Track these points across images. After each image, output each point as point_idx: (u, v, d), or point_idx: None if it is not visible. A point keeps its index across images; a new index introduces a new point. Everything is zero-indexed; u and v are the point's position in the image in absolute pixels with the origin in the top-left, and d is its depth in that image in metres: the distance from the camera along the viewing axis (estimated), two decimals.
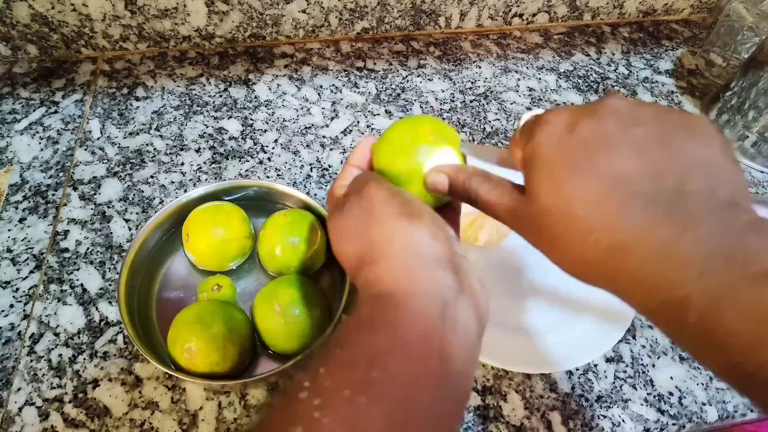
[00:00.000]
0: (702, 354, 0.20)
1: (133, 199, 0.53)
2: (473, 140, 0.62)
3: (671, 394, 0.45)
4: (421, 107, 0.65)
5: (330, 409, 0.19)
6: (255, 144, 0.59)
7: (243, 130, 0.61)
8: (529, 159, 0.23)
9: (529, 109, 0.66)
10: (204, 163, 0.57)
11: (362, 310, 0.23)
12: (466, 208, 0.32)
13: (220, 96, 0.64)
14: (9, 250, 0.49)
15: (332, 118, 0.63)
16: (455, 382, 0.22)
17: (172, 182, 0.55)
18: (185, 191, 0.52)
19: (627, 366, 0.46)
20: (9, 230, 0.50)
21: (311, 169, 0.58)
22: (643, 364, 0.46)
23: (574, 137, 0.22)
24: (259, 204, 0.50)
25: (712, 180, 0.20)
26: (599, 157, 0.21)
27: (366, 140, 0.33)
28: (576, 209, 0.21)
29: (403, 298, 0.23)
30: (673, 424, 0.43)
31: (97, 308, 0.46)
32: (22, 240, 0.50)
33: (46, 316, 0.45)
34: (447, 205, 0.33)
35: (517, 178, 0.26)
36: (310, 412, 0.19)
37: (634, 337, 0.48)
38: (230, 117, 0.62)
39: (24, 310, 0.45)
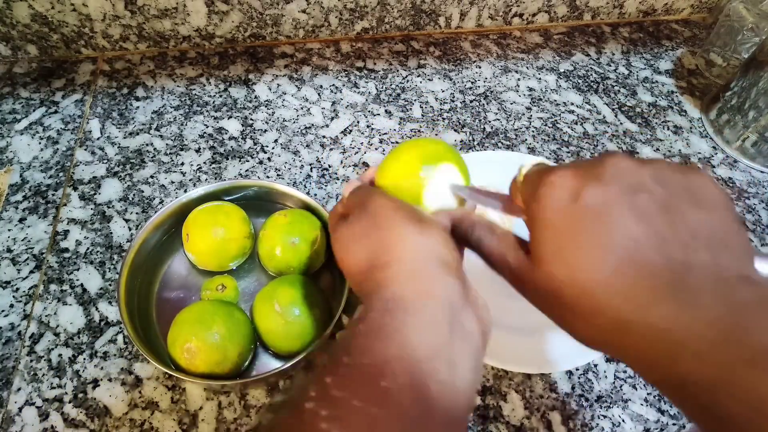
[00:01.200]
0: (708, 428, 0.20)
1: (133, 199, 0.53)
2: (473, 140, 0.62)
3: None
4: (421, 107, 0.65)
5: (340, 420, 0.19)
6: (255, 144, 0.59)
7: (243, 130, 0.61)
8: (535, 223, 0.23)
9: (528, 109, 0.66)
10: (204, 163, 0.57)
11: (371, 316, 0.23)
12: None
13: (220, 96, 0.64)
14: (9, 250, 0.49)
15: (332, 118, 0.63)
16: (462, 388, 0.22)
17: (172, 182, 0.55)
18: (185, 191, 0.52)
19: (627, 366, 0.46)
20: (9, 230, 0.50)
21: (311, 169, 0.58)
22: None
23: (580, 206, 0.21)
24: (259, 204, 0.50)
25: (716, 249, 0.20)
26: (605, 229, 0.21)
27: (371, 170, 0.33)
28: (584, 286, 0.21)
29: (414, 303, 0.23)
30: (673, 424, 0.43)
31: (97, 308, 0.46)
32: (22, 240, 0.50)
33: (46, 316, 0.45)
34: None
35: (521, 225, 0.26)
36: (317, 424, 0.19)
37: None
38: (230, 117, 0.62)
39: (24, 310, 0.45)
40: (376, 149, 0.60)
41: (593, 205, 0.21)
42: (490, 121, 0.65)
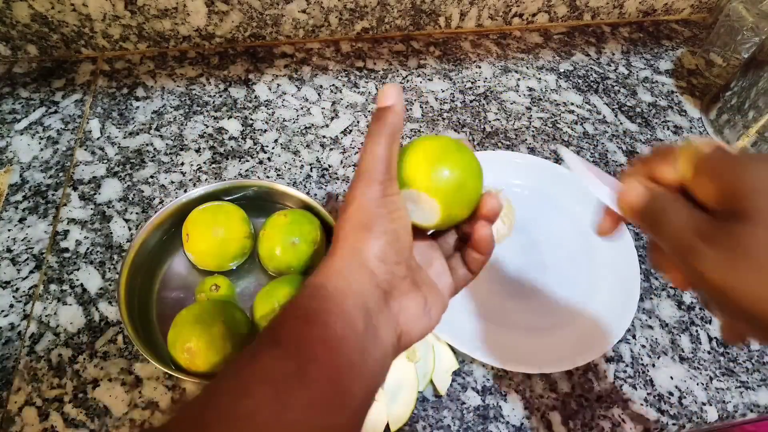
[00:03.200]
0: None
1: (133, 199, 0.53)
2: (473, 140, 0.62)
3: (671, 394, 0.45)
4: (421, 107, 0.65)
5: (258, 394, 0.21)
6: (255, 144, 0.59)
7: (243, 130, 0.61)
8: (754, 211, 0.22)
9: (528, 109, 0.66)
10: (204, 163, 0.57)
11: (299, 299, 0.25)
12: None
13: (220, 96, 0.64)
14: (9, 250, 0.49)
15: (332, 118, 0.63)
16: (369, 379, 0.25)
17: (172, 182, 0.55)
18: (185, 191, 0.52)
19: (627, 366, 0.46)
20: (9, 230, 0.50)
21: (311, 169, 0.58)
22: (643, 364, 0.46)
23: None
24: (259, 204, 0.50)
25: None
26: None
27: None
28: None
29: (333, 293, 0.25)
30: (673, 424, 0.43)
31: (97, 308, 0.46)
32: (22, 240, 0.50)
33: (46, 316, 0.45)
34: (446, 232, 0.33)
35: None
36: (239, 395, 0.21)
37: (634, 337, 0.48)
38: (230, 117, 0.62)
39: (24, 310, 0.45)
40: None
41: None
42: (490, 121, 0.65)
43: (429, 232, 0.33)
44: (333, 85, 0.67)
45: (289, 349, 0.23)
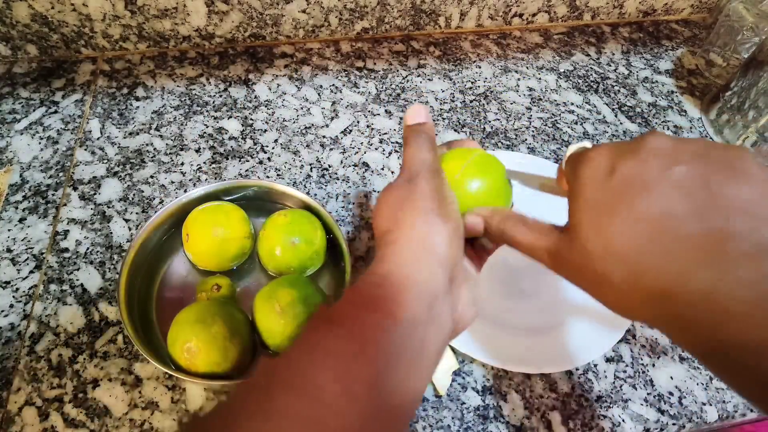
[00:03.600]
0: (755, 397, 0.20)
1: (133, 199, 0.53)
2: (473, 140, 0.62)
3: (671, 394, 0.45)
4: None
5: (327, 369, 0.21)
6: (255, 144, 0.59)
7: (243, 130, 0.61)
8: (573, 197, 0.24)
9: (528, 109, 0.66)
10: (204, 163, 0.57)
11: (360, 286, 0.25)
12: None
13: (220, 96, 0.64)
14: (9, 250, 0.49)
15: (332, 118, 0.63)
16: (425, 367, 0.25)
17: (172, 182, 0.55)
18: (185, 191, 0.52)
19: (627, 366, 0.46)
20: (9, 230, 0.50)
21: (311, 169, 0.58)
22: (643, 364, 0.46)
23: (615, 179, 0.22)
24: (259, 204, 0.50)
25: (754, 220, 0.20)
26: (640, 199, 0.21)
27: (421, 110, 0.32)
28: (620, 254, 0.22)
29: (404, 282, 0.24)
30: (673, 424, 0.43)
31: (97, 308, 0.46)
32: (22, 240, 0.50)
33: (46, 316, 0.45)
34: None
35: (558, 203, 0.27)
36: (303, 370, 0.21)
37: (634, 337, 0.48)
38: (230, 117, 0.62)
39: (24, 310, 0.45)
40: (376, 149, 0.60)
41: (629, 177, 0.22)
42: (490, 121, 0.65)
43: None
44: (333, 85, 0.67)
45: (353, 330, 0.23)
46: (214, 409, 0.21)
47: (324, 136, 0.61)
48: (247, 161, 0.58)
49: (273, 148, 0.59)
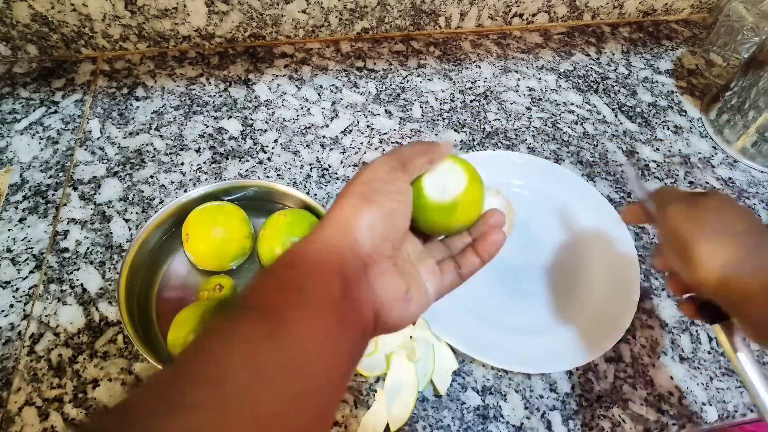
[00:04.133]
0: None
1: (133, 199, 0.53)
2: (473, 140, 0.62)
3: (671, 394, 0.45)
4: (421, 107, 0.65)
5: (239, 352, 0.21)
6: (255, 144, 0.59)
7: (243, 130, 0.61)
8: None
9: (528, 109, 0.66)
10: (204, 163, 0.57)
11: (275, 268, 0.26)
12: None
13: (220, 96, 0.64)
14: (9, 250, 0.49)
15: (332, 118, 0.63)
16: (344, 356, 0.25)
17: (172, 182, 0.55)
18: (185, 191, 0.52)
19: (627, 366, 0.46)
20: (9, 230, 0.50)
21: (311, 169, 0.58)
22: (643, 364, 0.46)
23: (693, 211, 0.35)
24: (259, 204, 0.50)
25: (748, 226, 0.34)
26: (708, 220, 0.34)
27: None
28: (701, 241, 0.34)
29: (311, 259, 0.25)
30: (673, 424, 0.43)
31: (97, 308, 0.46)
32: (22, 240, 0.50)
33: (46, 316, 0.45)
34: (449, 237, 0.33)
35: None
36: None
37: (634, 336, 0.48)
38: (230, 117, 0.62)
39: (24, 310, 0.45)
40: (376, 149, 0.60)
41: (699, 209, 0.35)
42: (490, 121, 0.65)
43: (438, 238, 0.33)
44: (333, 85, 0.67)
45: (262, 311, 0.23)
46: (116, 405, 0.20)
47: (324, 136, 0.61)
48: (247, 161, 0.58)
49: (273, 148, 0.59)
